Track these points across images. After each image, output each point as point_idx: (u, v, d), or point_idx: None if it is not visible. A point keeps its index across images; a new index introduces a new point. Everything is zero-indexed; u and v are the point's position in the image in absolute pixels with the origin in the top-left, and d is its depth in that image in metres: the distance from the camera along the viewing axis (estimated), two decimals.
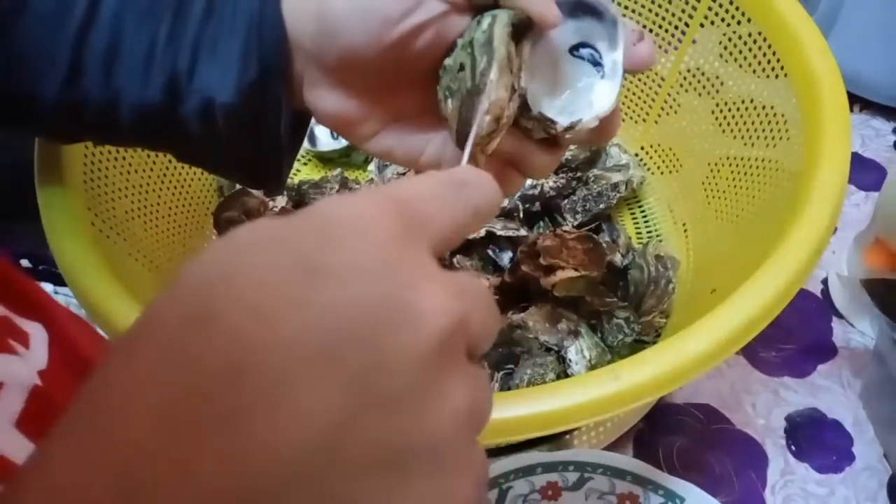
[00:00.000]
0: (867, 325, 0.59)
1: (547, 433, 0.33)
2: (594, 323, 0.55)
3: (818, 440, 0.53)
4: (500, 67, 0.30)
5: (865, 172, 0.70)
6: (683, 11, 0.58)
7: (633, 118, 0.67)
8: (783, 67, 0.48)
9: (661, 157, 0.66)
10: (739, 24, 0.53)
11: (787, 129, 0.48)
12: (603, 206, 0.61)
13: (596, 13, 0.33)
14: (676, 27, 0.59)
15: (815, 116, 0.44)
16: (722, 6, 0.55)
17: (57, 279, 0.49)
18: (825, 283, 0.62)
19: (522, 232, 0.59)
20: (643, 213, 0.65)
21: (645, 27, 0.60)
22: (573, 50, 0.34)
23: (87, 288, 0.38)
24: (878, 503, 0.50)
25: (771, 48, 0.50)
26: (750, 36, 0.52)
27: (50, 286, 0.57)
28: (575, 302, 0.54)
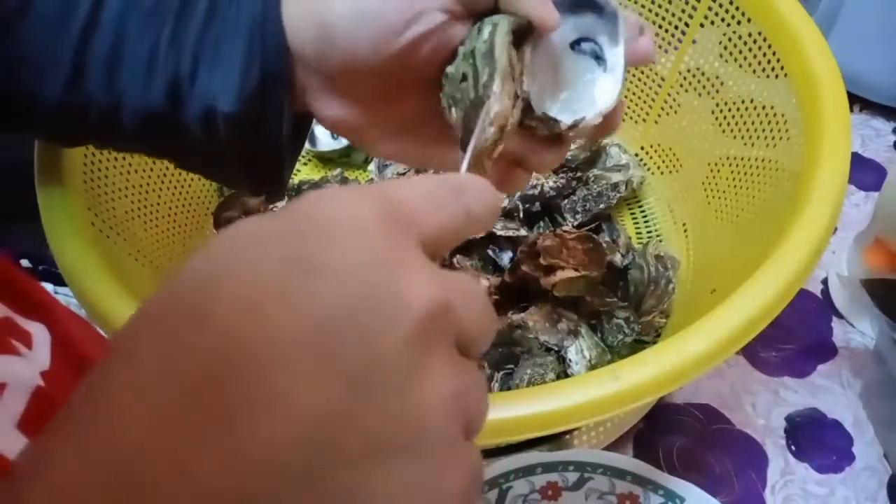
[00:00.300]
0: (867, 325, 0.59)
1: (547, 433, 0.33)
2: (594, 323, 0.55)
3: (818, 440, 0.53)
4: (502, 78, 0.29)
5: (865, 172, 0.70)
6: (683, 11, 0.58)
7: (633, 118, 0.67)
8: (783, 67, 0.48)
9: (661, 157, 0.66)
10: (739, 24, 0.53)
11: (787, 129, 0.48)
12: (603, 206, 0.61)
13: (596, 7, 0.33)
14: (676, 27, 0.59)
15: (815, 116, 0.44)
16: (722, 6, 0.55)
17: (57, 279, 0.49)
18: (825, 283, 0.62)
19: (522, 232, 0.59)
20: (643, 213, 0.65)
21: None
22: (574, 45, 0.34)
23: (87, 288, 0.38)
24: (878, 503, 0.50)
25: (771, 48, 0.50)
26: (750, 36, 0.52)
27: (50, 286, 0.57)
28: (575, 302, 0.54)
